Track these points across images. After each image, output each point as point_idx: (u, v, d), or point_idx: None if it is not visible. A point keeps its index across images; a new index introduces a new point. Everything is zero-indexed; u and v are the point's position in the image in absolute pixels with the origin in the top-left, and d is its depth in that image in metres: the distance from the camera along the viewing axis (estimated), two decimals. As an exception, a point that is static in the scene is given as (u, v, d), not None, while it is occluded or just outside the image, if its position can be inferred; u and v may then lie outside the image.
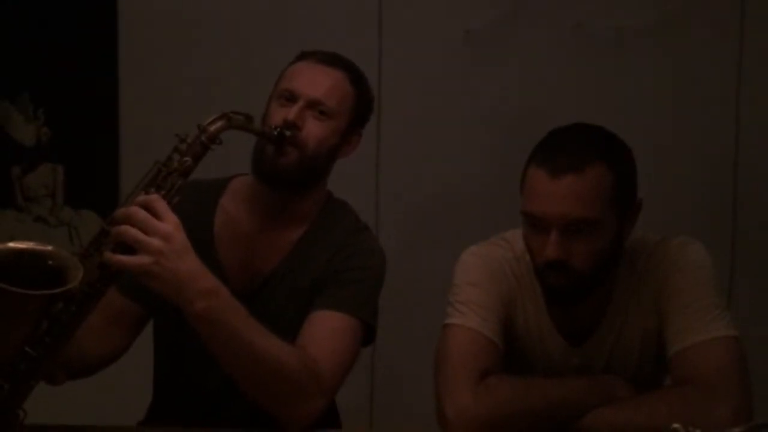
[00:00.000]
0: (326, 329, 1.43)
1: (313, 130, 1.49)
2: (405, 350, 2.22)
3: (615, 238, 1.38)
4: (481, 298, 1.44)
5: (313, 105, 1.49)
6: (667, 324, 1.40)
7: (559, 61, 2.30)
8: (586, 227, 1.34)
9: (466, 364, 1.38)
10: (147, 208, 1.26)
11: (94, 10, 2.37)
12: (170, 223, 1.26)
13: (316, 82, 1.50)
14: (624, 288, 1.45)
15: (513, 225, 1.54)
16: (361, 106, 1.56)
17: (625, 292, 1.45)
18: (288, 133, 1.46)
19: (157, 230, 1.25)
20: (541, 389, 1.36)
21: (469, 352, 1.40)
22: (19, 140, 2.41)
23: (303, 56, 1.56)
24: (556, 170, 1.33)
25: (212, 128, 1.35)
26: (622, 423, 1.31)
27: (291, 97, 1.50)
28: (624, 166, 1.39)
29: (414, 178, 2.34)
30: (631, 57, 2.31)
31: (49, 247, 1.21)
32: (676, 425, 1.16)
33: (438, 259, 2.27)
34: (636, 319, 1.45)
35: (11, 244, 1.21)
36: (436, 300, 1.54)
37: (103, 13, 2.36)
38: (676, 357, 1.37)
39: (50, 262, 1.20)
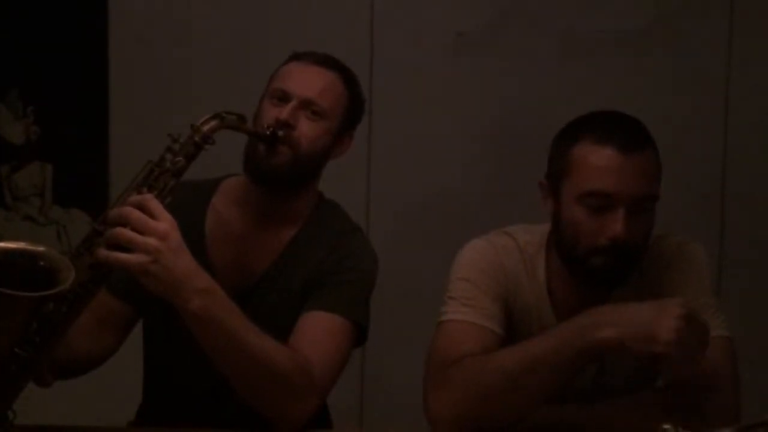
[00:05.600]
0: (318, 330, 1.43)
1: (306, 129, 1.49)
2: (395, 350, 2.22)
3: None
4: (474, 293, 1.43)
5: (306, 105, 1.49)
6: None
7: (550, 64, 2.31)
8: (649, 205, 1.36)
9: (446, 359, 1.37)
10: (141, 207, 1.25)
11: (85, 8, 2.36)
12: (166, 222, 1.26)
13: (310, 82, 1.50)
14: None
15: (503, 225, 1.55)
16: (353, 107, 1.56)
17: (625, 287, 1.44)
18: (281, 132, 1.46)
19: (153, 230, 1.24)
20: (497, 361, 1.30)
21: (452, 346, 1.38)
22: (8, 138, 2.39)
23: (296, 57, 1.56)
24: (626, 147, 1.33)
25: (205, 128, 1.35)
26: (616, 421, 1.32)
27: (284, 97, 1.49)
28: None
29: (405, 180, 2.34)
30: (620, 60, 2.32)
31: (41, 248, 1.20)
32: (666, 426, 1.17)
33: (428, 260, 2.28)
34: None
35: (2, 244, 1.20)
36: (426, 300, 1.54)
37: (94, 11, 2.35)
38: None
39: (42, 263, 1.19)
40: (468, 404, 1.30)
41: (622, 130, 1.37)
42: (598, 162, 1.34)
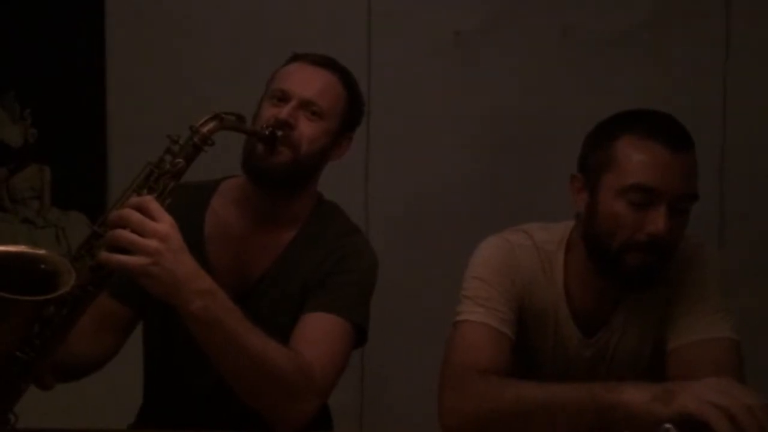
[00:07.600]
0: (318, 331, 1.43)
1: (306, 129, 1.49)
2: (394, 351, 2.23)
3: None
4: (489, 293, 1.42)
5: (305, 105, 1.49)
6: (671, 319, 1.41)
7: (547, 64, 2.31)
8: (688, 205, 1.35)
9: (463, 366, 1.37)
10: (141, 209, 1.25)
11: (82, 9, 2.36)
12: (166, 223, 1.25)
13: (309, 82, 1.50)
14: None
15: (503, 226, 1.55)
16: (352, 108, 1.57)
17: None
18: (280, 132, 1.46)
19: (154, 231, 1.24)
20: (516, 390, 1.29)
21: (469, 352, 1.38)
22: (5, 141, 2.39)
23: (296, 58, 1.56)
24: (674, 144, 1.33)
25: (204, 129, 1.34)
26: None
27: (283, 97, 1.50)
28: None
29: (403, 181, 2.34)
30: (618, 60, 2.32)
31: (42, 251, 1.20)
32: (667, 425, 1.17)
33: (427, 261, 2.29)
34: (648, 314, 1.44)
35: (2, 248, 1.20)
36: (426, 301, 1.54)
37: (91, 13, 2.35)
38: (674, 353, 1.38)
39: (42, 266, 1.19)
40: (479, 421, 1.30)
41: (668, 127, 1.36)
42: (645, 157, 1.33)
